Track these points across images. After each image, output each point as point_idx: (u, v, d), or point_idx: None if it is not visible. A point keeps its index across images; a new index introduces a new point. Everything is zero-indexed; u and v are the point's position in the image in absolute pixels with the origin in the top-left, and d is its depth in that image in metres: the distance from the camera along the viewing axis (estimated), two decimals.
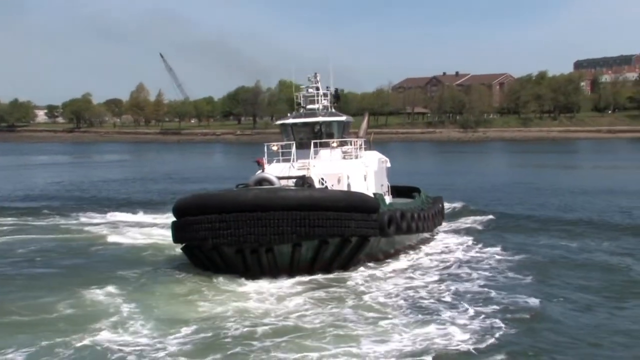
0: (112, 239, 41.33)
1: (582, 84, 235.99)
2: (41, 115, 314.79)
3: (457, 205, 53.30)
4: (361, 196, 32.41)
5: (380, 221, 31.98)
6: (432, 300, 26.56)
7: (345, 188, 34.71)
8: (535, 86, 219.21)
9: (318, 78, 39.00)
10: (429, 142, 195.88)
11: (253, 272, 30.32)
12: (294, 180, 34.53)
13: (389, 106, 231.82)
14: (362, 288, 28.85)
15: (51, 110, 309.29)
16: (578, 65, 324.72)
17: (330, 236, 30.30)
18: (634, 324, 23.41)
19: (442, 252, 36.15)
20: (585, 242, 38.34)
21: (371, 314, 24.89)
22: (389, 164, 41.56)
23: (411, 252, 36.15)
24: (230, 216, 29.65)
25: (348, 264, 31.72)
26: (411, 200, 40.96)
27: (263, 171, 35.30)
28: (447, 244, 38.47)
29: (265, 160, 36.31)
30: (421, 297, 27.12)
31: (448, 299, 26.72)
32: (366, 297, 27.28)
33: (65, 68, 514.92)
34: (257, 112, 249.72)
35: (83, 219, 49.24)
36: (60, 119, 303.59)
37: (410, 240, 36.98)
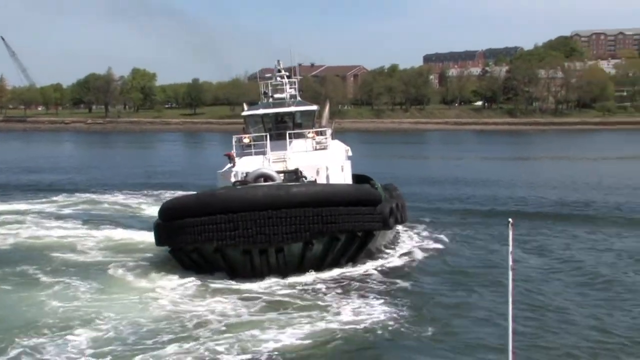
0: None
1: (431, 77, 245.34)
2: None
3: None
4: (366, 189, 31.68)
5: (382, 214, 30.94)
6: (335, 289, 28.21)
7: (324, 180, 33.64)
8: (387, 79, 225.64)
9: (282, 65, 37.16)
10: None
11: (260, 273, 28.97)
12: (285, 174, 32.60)
13: (245, 96, 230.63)
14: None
15: None
16: (427, 59, 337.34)
17: (340, 232, 29.26)
18: (485, 302, 26.43)
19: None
20: (452, 229, 40.47)
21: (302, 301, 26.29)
22: (350, 153, 40.35)
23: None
24: (238, 216, 27.72)
25: (354, 260, 30.88)
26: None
27: (234, 165, 33.41)
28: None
29: (235, 153, 34.33)
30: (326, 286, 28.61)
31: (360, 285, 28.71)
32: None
33: None
34: (109, 101, 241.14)
35: None
36: None
37: (395, 231, 36.20)
